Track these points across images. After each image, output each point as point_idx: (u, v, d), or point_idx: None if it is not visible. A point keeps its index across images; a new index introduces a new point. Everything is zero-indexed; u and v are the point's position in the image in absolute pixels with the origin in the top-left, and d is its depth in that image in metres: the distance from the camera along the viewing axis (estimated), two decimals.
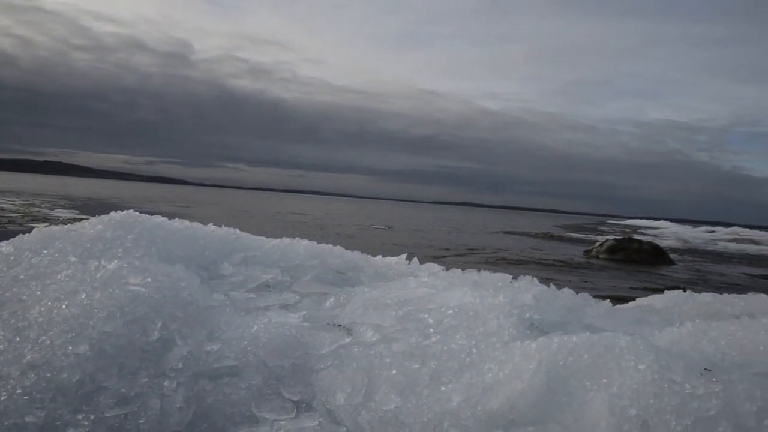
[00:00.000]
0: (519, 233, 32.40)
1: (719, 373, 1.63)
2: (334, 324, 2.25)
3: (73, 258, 2.41)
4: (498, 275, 2.81)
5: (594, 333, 1.92)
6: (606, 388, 1.62)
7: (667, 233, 41.60)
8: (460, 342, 2.00)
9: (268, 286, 2.62)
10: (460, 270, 2.93)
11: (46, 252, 2.46)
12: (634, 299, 3.53)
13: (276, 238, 3.18)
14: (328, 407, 1.84)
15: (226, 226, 3.17)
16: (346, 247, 3.23)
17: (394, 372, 1.91)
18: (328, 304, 2.50)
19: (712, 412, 1.48)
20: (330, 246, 3.15)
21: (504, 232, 33.44)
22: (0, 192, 33.24)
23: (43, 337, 1.84)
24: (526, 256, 18.11)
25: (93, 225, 2.71)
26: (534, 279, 2.72)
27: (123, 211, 2.85)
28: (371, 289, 2.55)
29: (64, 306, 1.96)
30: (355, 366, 1.97)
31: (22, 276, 2.26)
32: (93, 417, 1.68)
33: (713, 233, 41.45)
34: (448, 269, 3.05)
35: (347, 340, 2.11)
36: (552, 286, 2.65)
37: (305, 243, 3.09)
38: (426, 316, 2.18)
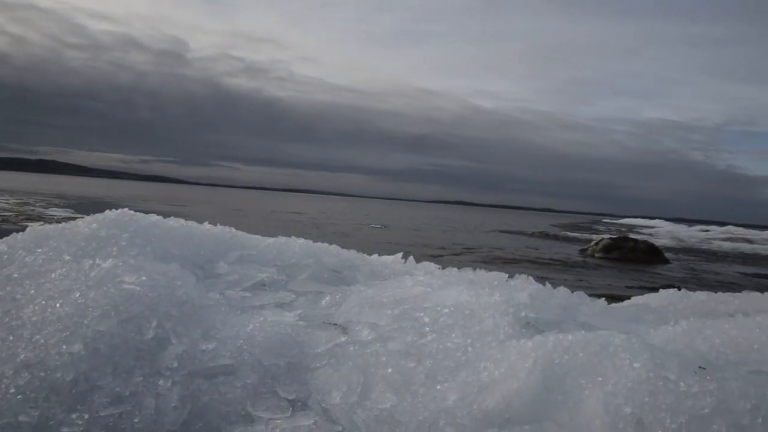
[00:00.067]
0: (515, 232, 32.45)
1: (714, 372, 1.63)
2: (329, 323, 2.24)
3: (68, 256, 2.40)
4: (494, 274, 2.81)
5: (589, 331, 1.92)
6: (601, 386, 1.63)
7: (662, 232, 41.75)
8: (455, 340, 2.00)
9: (263, 284, 2.62)
10: (456, 269, 2.94)
11: (40, 251, 2.45)
12: (629, 298, 3.55)
13: (272, 236, 3.18)
14: (323, 406, 1.84)
15: (221, 224, 3.16)
16: (342, 246, 3.23)
17: (389, 371, 1.91)
18: (323, 302, 2.50)
19: (706, 410, 1.49)
20: (326, 245, 3.15)
21: (500, 230, 33.49)
22: None
23: (37, 336, 1.83)
24: (521, 255, 18.15)
25: (87, 223, 2.70)
26: (530, 278, 2.73)
27: (118, 210, 2.84)
28: (367, 288, 2.54)
29: (58, 305, 1.95)
30: (351, 365, 1.96)
31: (15, 275, 2.25)
32: (87, 416, 1.67)
33: (708, 232, 41.63)
34: (444, 268, 3.05)
35: (343, 338, 2.11)
36: (547, 284, 2.65)
37: (301, 242, 3.08)
38: (422, 314, 2.18)
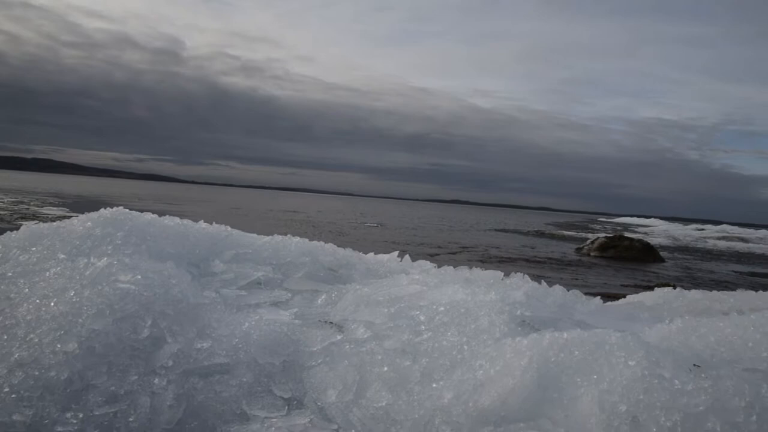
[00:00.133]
0: (511, 231, 32.51)
1: (708, 369, 1.64)
2: (325, 321, 2.24)
3: (62, 255, 2.39)
4: (489, 272, 2.81)
5: (585, 330, 1.92)
6: (596, 384, 1.63)
7: (658, 231, 41.90)
8: (451, 339, 2.00)
9: (259, 283, 2.61)
10: (451, 267, 2.94)
11: (34, 249, 2.44)
12: (624, 296, 3.56)
13: (267, 235, 3.17)
14: (319, 404, 1.84)
15: (217, 223, 3.15)
16: (337, 245, 3.22)
17: (385, 369, 1.91)
18: (319, 301, 2.49)
19: (701, 407, 1.49)
20: (322, 243, 3.14)
21: (496, 229, 33.55)
22: None
23: (31, 335, 1.82)
24: (517, 253, 18.18)
25: (82, 222, 2.69)
26: (525, 276, 2.73)
27: (113, 208, 2.83)
28: (363, 287, 2.54)
29: (52, 303, 1.94)
30: (347, 363, 1.96)
31: (10, 273, 2.24)
32: (82, 415, 1.66)
33: (703, 231, 41.82)
34: (439, 266, 3.05)
35: (338, 337, 2.11)
36: (543, 283, 2.66)
37: (297, 240, 3.08)
38: (417, 313, 2.18)
